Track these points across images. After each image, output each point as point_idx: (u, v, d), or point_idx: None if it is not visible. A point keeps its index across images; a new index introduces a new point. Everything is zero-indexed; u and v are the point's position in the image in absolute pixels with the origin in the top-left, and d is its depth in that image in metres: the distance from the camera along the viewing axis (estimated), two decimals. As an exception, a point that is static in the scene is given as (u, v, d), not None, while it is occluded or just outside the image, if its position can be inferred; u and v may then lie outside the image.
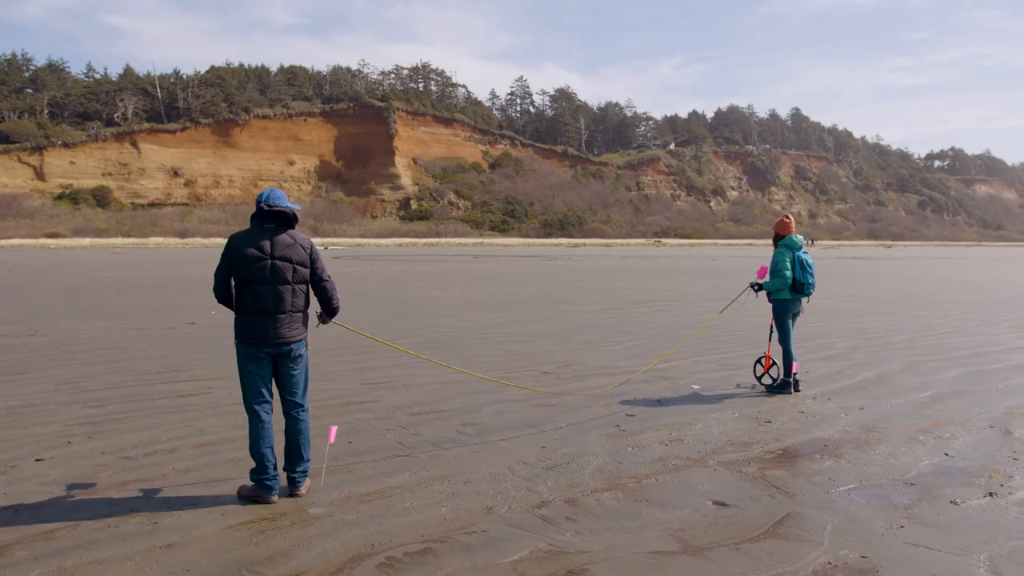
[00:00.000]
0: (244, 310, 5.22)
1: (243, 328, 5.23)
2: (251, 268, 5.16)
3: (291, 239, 5.31)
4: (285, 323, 5.23)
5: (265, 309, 5.17)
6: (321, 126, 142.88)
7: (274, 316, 5.19)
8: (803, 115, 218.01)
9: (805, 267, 8.88)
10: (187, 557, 4.28)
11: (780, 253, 8.93)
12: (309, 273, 5.38)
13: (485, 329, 14.53)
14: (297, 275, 5.29)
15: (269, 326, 5.18)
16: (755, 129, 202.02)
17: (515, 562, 4.23)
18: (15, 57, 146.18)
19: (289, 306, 5.25)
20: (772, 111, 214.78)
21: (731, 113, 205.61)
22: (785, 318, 8.97)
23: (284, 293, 5.22)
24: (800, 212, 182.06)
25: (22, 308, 18.00)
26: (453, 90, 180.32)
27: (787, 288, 8.84)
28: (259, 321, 5.18)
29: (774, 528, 4.75)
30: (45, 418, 7.44)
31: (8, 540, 4.48)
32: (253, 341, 5.20)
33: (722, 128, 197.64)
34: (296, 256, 5.28)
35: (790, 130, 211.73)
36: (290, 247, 5.27)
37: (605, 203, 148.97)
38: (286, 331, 5.24)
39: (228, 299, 5.35)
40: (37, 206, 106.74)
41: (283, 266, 5.22)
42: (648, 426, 7.30)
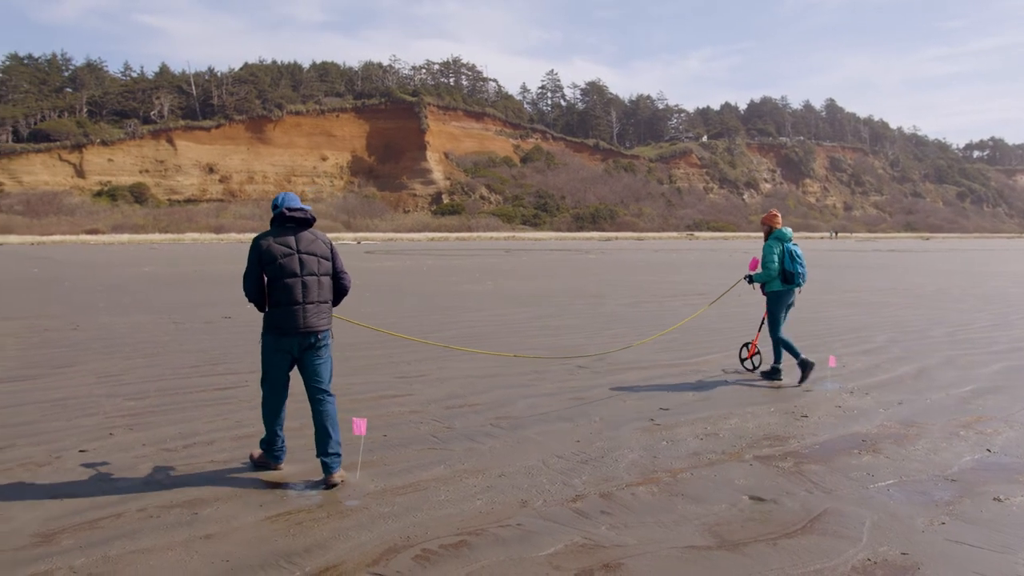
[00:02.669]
0: (275, 303, 5.50)
1: (275, 319, 5.50)
2: (281, 264, 5.46)
3: (313, 236, 5.68)
4: (313, 313, 5.53)
5: (295, 300, 5.47)
6: (353, 122, 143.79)
7: (303, 307, 5.49)
8: (838, 106, 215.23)
9: (795, 258, 9.13)
10: (226, 547, 4.34)
11: (769, 246, 9.24)
12: (331, 267, 5.71)
13: (518, 323, 14.54)
14: (322, 267, 5.63)
15: (299, 316, 5.48)
16: (789, 120, 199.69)
17: (550, 555, 4.23)
18: (55, 57, 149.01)
19: (316, 296, 5.56)
20: (806, 102, 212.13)
21: (764, 105, 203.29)
22: (779, 310, 9.23)
23: (311, 284, 5.54)
24: (835, 204, 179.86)
25: (64, 303, 18.36)
26: (484, 84, 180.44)
27: (778, 279, 9.13)
28: (290, 312, 5.46)
29: (811, 524, 4.70)
30: (87, 410, 7.58)
31: (54, 529, 4.58)
32: (283, 331, 5.48)
33: (755, 120, 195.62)
34: (320, 251, 5.64)
35: (824, 121, 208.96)
36: (313, 243, 5.63)
37: (637, 196, 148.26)
38: (314, 320, 5.54)
39: (260, 297, 5.61)
40: (77, 203, 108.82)
41: (309, 260, 5.56)
42: (682, 420, 7.26)
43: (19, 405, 7.78)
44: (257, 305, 5.67)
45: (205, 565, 4.11)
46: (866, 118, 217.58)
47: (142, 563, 4.12)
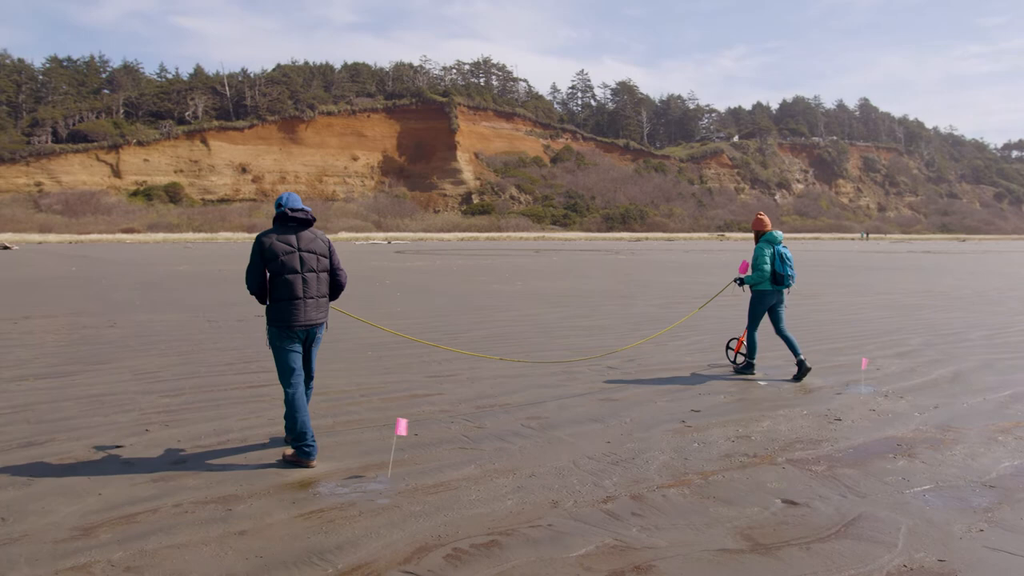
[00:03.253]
0: (277, 298, 5.86)
1: (278, 313, 5.86)
2: (282, 260, 5.83)
3: (313, 235, 6.06)
4: (313, 307, 5.93)
5: (296, 295, 5.84)
6: (384, 122, 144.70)
7: (304, 301, 5.88)
8: (872, 105, 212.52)
9: (784, 260, 9.38)
10: (260, 543, 4.39)
11: (760, 248, 9.43)
12: (328, 264, 6.10)
13: (548, 323, 14.53)
14: (320, 264, 6.02)
15: (300, 310, 5.86)
16: (821, 120, 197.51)
17: (581, 556, 4.23)
18: (93, 60, 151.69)
19: (315, 292, 5.96)
20: (839, 102, 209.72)
21: (796, 104, 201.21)
22: (759, 308, 9.51)
23: (311, 280, 5.93)
24: (869, 205, 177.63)
25: (101, 301, 18.68)
26: (514, 84, 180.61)
27: (767, 280, 9.37)
28: (292, 306, 5.84)
29: (846, 528, 4.65)
30: (124, 406, 7.71)
31: (92, 522, 4.66)
32: (287, 324, 5.84)
33: (787, 120, 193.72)
34: (319, 248, 6.03)
35: (858, 121, 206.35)
36: (313, 241, 6.02)
37: (667, 197, 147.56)
38: (314, 314, 5.94)
39: (262, 291, 5.96)
40: (114, 202, 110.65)
41: (309, 257, 5.94)
42: (714, 422, 7.22)
43: (58, 401, 7.93)
44: (258, 298, 6.00)
45: (239, 561, 4.16)
46: (901, 117, 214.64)
47: (178, 557, 4.18)
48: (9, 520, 4.69)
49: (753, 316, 9.56)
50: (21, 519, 4.71)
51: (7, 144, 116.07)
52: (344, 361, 10.35)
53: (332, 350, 11.16)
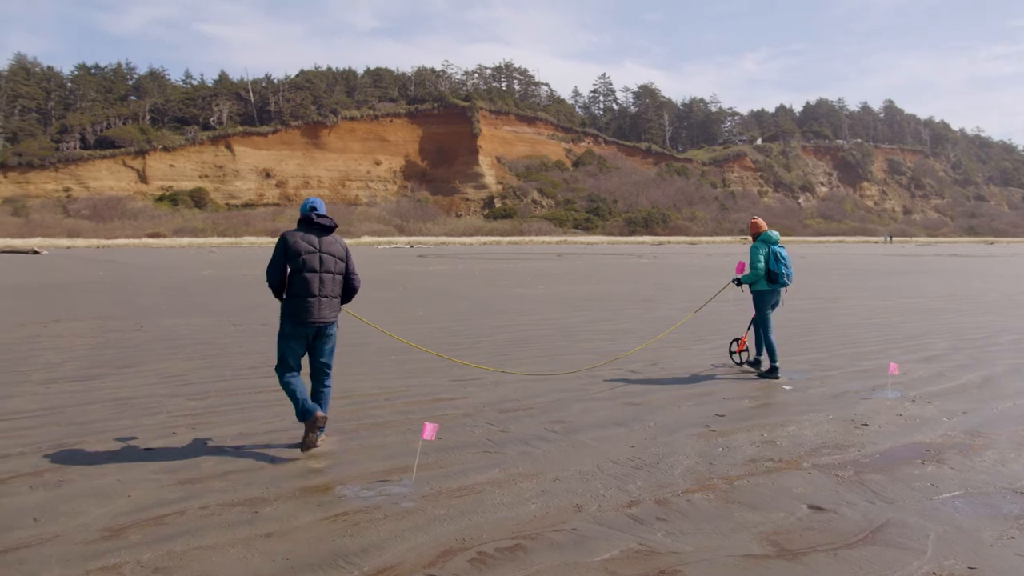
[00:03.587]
0: (294, 294, 6.23)
1: (292, 308, 6.23)
2: (304, 259, 6.21)
3: (333, 239, 6.45)
4: (326, 305, 6.29)
5: (313, 293, 6.21)
6: (406, 126, 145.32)
7: (319, 299, 6.24)
8: (896, 107, 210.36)
9: (779, 259, 9.60)
10: (286, 546, 4.42)
11: (754, 248, 9.72)
12: (344, 267, 6.47)
13: (570, 327, 14.51)
14: (337, 267, 6.39)
15: (314, 307, 6.22)
16: (846, 123, 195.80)
17: (606, 561, 4.22)
18: (120, 67, 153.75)
19: (330, 291, 6.33)
20: (864, 104, 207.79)
21: (820, 107, 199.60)
22: (764, 308, 9.71)
23: (327, 281, 6.30)
24: (894, 208, 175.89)
25: (128, 305, 18.90)
26: (536, 89, 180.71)
27: (763, 279, 9.61)
28: (307, 303, 6.20)
29: (873, 534, 4.61)
30: (151, 409, 7.79)
31: (122, 524, 4.71)
32: (298, 320, 6.20)
33: (811, 122, 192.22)
34: (337, 252, 6.42)
35: (883, 123, 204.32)
36: (333, 245, 6.41)
37: (690, 200, 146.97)
38: (327, 312, 6.30)
39: (280, 285, 6.34)
40: (140, 207, 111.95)
41: (328, 259, 6.33)
42: (738, 427, 7.17)
43: (87, 404, 8.03)
44: (275, 292, 6.39)
45: (266, 563, 4.19)
46: (926, 119, 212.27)
47: (205, 559, 4.22)
48: (41, 521, 4.76)
49: (762, 318, 9.74)
50: (52, 520, 4.78)
51: (37, 151, 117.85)
52: (367, 365, 10.40)
53: (355, 354, 11.22)
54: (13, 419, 7.35)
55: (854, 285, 26.75)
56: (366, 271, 34.45)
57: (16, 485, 5.43)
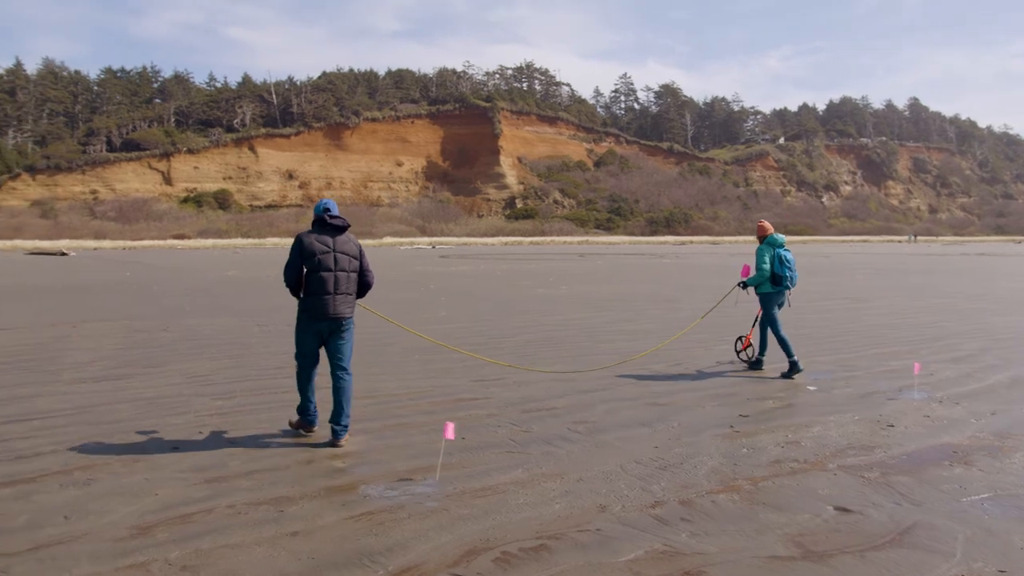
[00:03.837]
0: (310, 292, 6.52)
1: (309, 306, 6.53)
2: (319, 259, 6.48)
3: (347, 238, 6.72)
4: (341, 302, 6.56)
5: (328, 291, 6.48)
6: (428, 127, 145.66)
7: (334, 297, 6.51)
8: (922, 105, 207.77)
9: (784, 262, 9.82)
10: (311, 545, 4.45)
11: (761, 250, 9.94)
12: (358, 265, 6.72)
13: (593, 327, 14.49)
14: (351, 265, 6.65)
15: (330, 304, 6.49)
16: (870, 121, 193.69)
17: (630, 561, 4.22)
18: (145, 70, 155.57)
19: (344, 289, 6.59)
20: (888, 101, 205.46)
21: (844, 105, 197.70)
22: (771, 309, 9.92)
23: (342, 279, 6.56)
24: (919, 207, 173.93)
25: (154, 305, 19.11)
26: (557, 89, 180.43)
27: (768, 281, 9.81)
28: (323, 301, 6.47)
29: (900, 536, 4.57)
30: (177, 409, 7.88)
31: (150, 522, 4.77)
32: (315, 316, 6.50)
33: (834, 121, 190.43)
34: (351, 251, 6.68)
35: (908, 121, 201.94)
36: (347, 244, 6.68)
37: (712, 200, 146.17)
38: (342, 308, 6.56)
39: (297, 284, 6.61)
40: (165, 209, 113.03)
41: (342, 258, 6.59)
42: (762, 427, 7.14)
43: (115, 403, 8.13)
44: (293, 291, 6.65)
45: (292, 561, 4.23)
46: (952, 117, 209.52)
47: (232, 558, 4.26)
48: (72, 518, 4.83)
49: (770, 318, 9.95)
50: (82, 518, 4.84)
51: (64, 154, 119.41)
52: (392, 365, 10.45)
53: (380, 354, 11.28)
54: (44, 418, 7.46)
55: (879, 285, 26.50)
56: (388, 272, 34.60)
57: (47, 483, 5.51)
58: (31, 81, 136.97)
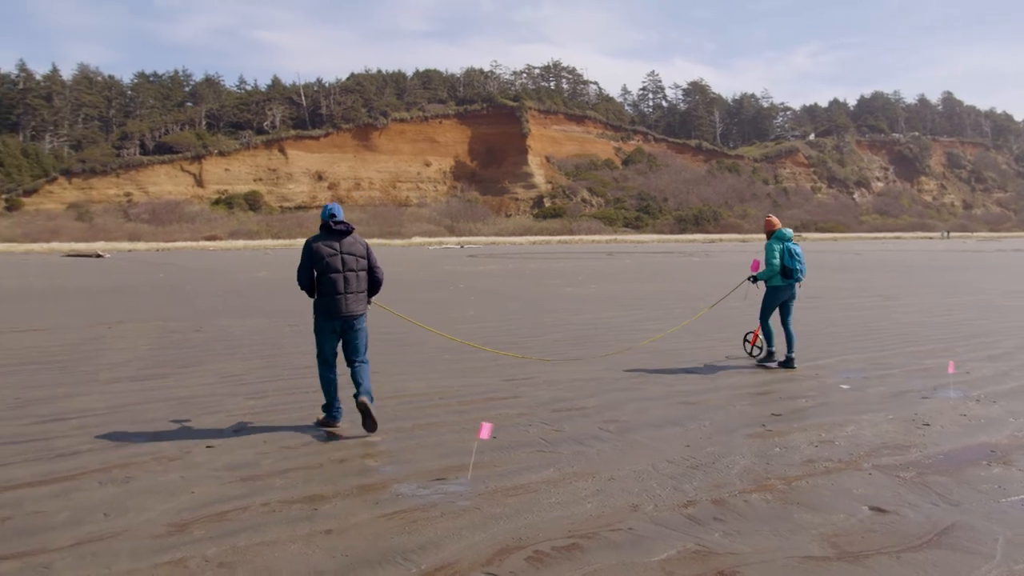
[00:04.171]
0: (323, 292, 6.90)
1: (322, 306, 6.91)
2: (327, 262, 6.86)
3: (353, 240, 7.05)
4: (352, 301, 6.92)
5: (338, 291, 6.85)
6: (456, 127, 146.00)
7: (344, 296, 6.88)
8: (956, 99, 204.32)
9: (793, 256, 9.99)
10: (345, 542, 4.49)
11: (770, 245, 10.12)
12: (366, 264, 7.05)
13: (622, 327, 14.45)
14: (359, 265, 6.99)
15: (341, 303, 6.86)
16: (902, 116, 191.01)
17: (663, 561, 4.20)
18: (177, 74, 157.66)
19: (355, 288, 6.95)
20: (921, 96, 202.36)
21: (875, 100, 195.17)
22: (772, 302, 10.16)
23: (351, 279, 6.92)
24: (953, 202, 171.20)
25: (187, 306, 19.36)
26: (584, 87, 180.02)
27: (777, 275, 10.02)
28: (335, 300, 6.85)
29: (938, 537, 4.50)
30: (211, 408, 7.98)
31: (186, 519, 4.84)
32: (329, 315, 6.88)
33: (865, 116, 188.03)
34: (358, 251, 7.02)
35: (941, 116, 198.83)
36: (353, 245, 7.01)
37: (741, 197, 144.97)
38: (353, 307, 6.93)
39: (310, 286, 7.01)
40: (197, 211, 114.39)
41: (349, 259, 6.94)
42: (795, 426, 7.07)
43: (150, 402, 8.25)
44: (307, 292, 7.04)
45: (326, 559, 4.27)
46: (987, 111, 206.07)
47: (268, 555, 4.31)
48: (111, 515, 4.91)
49: (765, 308, 10.23)
50: (121, 515, 4.93)
51: (99, 157, 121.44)
52: (421, 365, 10.50)
53: (409, 354, 11.34)
54: (81, 416, 7.60)
55: (913, 282, 26.13)
56: (417, 272, 34.76)
57: (86, 481, 5.61)
58: (67, 87, 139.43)
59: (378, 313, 14.77)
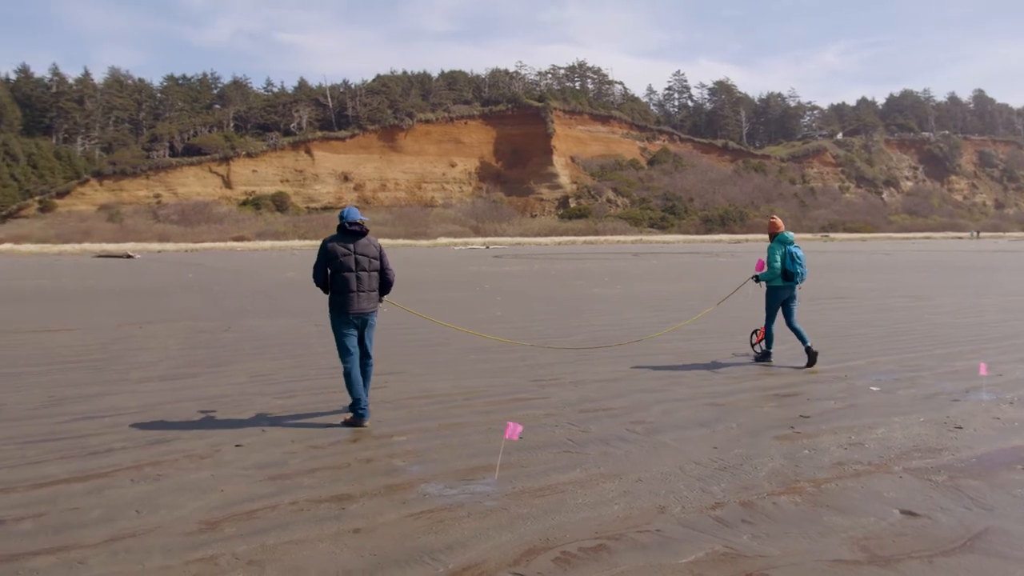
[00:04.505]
0: (337, 291, 7.23)
1: (337, 303, 7.25)
2: (341, 261, 7.21)
3: (367, 241, 7.42)
4: (364, 299, 7.27)
5: (351, 289, 7.19)
6: (481, 128, 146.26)
7: (357, 294, 7.22)
8: (987, 97, 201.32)
9: (794, 259, 10.26)
10: (373, 542, 4.52)
11: (772, 248, 10.38)
12: (379, 264, 7.38)
13: (649, 327, 14.39)
14: (372, 265, 7.34)
15: (354, 301, 7.21)
16: (932, 114, 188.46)
17: (691, 563, 4.19)
18: (205, 77, 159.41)
19: (367, 287, 7.30)
20: (951, 94, 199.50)
21: (904, 98, 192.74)
22: (774, 302, 10.44)
23: (364, 278, 7.27)
24: (985, 202, 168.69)
25: (217, 306, 19.56)
26: (610, 87, 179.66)
27: (779, 277, 10.28)
28: (347, 298, 7.19)
29: (971, 542, 4.44)
30: (240, 407, 8.06)
31: (217, 517, 4.90)
32: (344, 312, 7.20)
33: (894, 115, 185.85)
34: (371, 252, 7.37)
35: (972, 114, 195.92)
36: (366, 246, 7.37)
37: (768, 197, 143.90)
38: (366, 304, 7.29)
39: (325, 283, 7.34)
40: (225, 212, 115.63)
41: (362, 259, 7.29)
42: (824, 428, 7.01)
43: (181, 401, 8.36)
44: (322, 289, 7.40)
45: (354, 557, 4.30)
46: (1020, 108, 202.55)
47: (297, 553, 4.35)
48: (143, 512, 4.98)
49: (769, 310, 10.49)
50: (153, 512, 4.99)
51: (129, 159, 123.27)
52: (447, 365, 10.53)
53: (435, 354, 11.38)
54: (115, 415, 7.71)
55: (943, 282, 25.79)
56: (442, 272, 34.86)
57: (119, 478, 5.69)
58: (98, 90, 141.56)
59: (402, 314, 14.84)
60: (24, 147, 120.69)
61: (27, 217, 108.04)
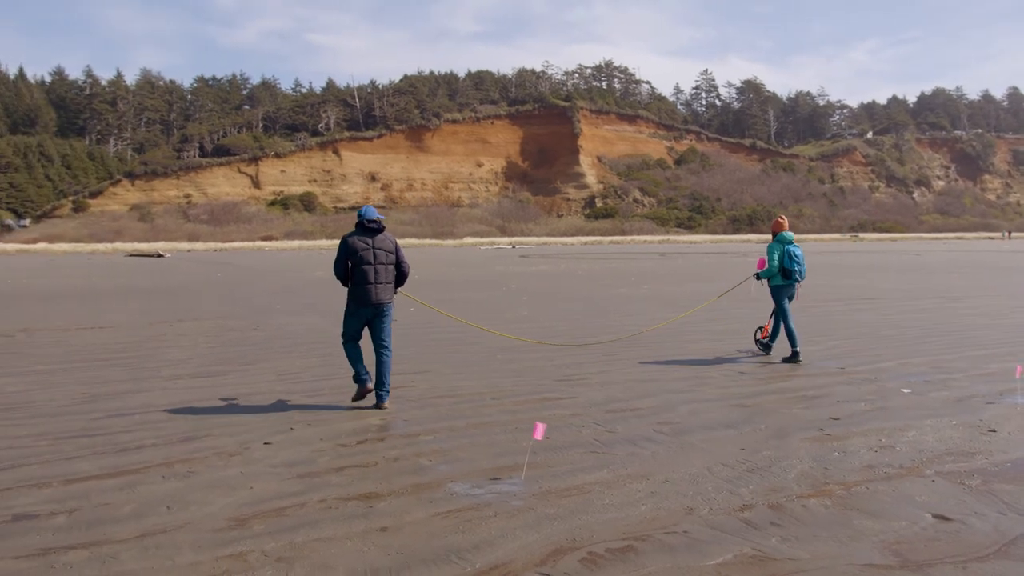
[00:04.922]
0: (356, 282, 7.83)
1: (355, 294, 7.85)
2: (360, 255, 7.79)
3: (384, 237, 8.02)
4: (381, 290, 7.85)
5: (369, 281, 7.79)
6: (507, 128, 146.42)
7: (375, 286, 7.81)
8: (1022, 94, 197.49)
9: (793, 257, 10.60)
10: (400, 540, 4.53)
11: (771, 247, 10.77)
12: (395, 258, 7.97)
13: (676, 327, 14.31)
14: (388, 258, 7.94)
15: (372, 292, 7.80)
16: (964, 112, 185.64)
17: (719, 565, 4.15)
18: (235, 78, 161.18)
19: (384, 279, 7.89)
20: (984, 92, 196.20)
21: (936, 96, 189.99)
22: (781, 299, 10.73)
23: (381, 271, 7.86)
24: (1019, 201, 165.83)
25: (246, 305, 19.76)
26: (636, 87, 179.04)
27: (778, 275, 10.63)
28: (366, 289, 7.78)
29: (1006, 548, 4.36)
30: (269, 405, 8.12)
31: (246, 514, 4.94)
32: (361, 302, 7.82)
33: (926, 113, 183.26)
34: (387, 247, 7.97)
35: (1006, 112, 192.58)
36: (383, 241, 7.97)
37: (796, 197, 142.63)
38: (382, 295, 7.87)
39: (344, 276, 7.94)
40: (253, 212, 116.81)
41: (380, 253, 7.88)
42: (854, 431, 6.92)
43: (211, 399, 8.45)
44: (341, 281, 8.00)
45: (381, 556, 4.31)
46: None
47: (324, 550, 4.37)
48: (173, 509, 5.04)
49: (782, 310, 10.75)
50: (183, 508, 5.05)
51: (160, 160, 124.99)
52: (475, 365, 10.55)
53: (463, 353, 11.40)
54: (145, 412, 7.80)
55: (974, 283, 25.39)
56: (469, 272, 34.92)
57: (150, 475, 5.76)
58: (130, 91, 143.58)
59: (429, 314, 14.87)
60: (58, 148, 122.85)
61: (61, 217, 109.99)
